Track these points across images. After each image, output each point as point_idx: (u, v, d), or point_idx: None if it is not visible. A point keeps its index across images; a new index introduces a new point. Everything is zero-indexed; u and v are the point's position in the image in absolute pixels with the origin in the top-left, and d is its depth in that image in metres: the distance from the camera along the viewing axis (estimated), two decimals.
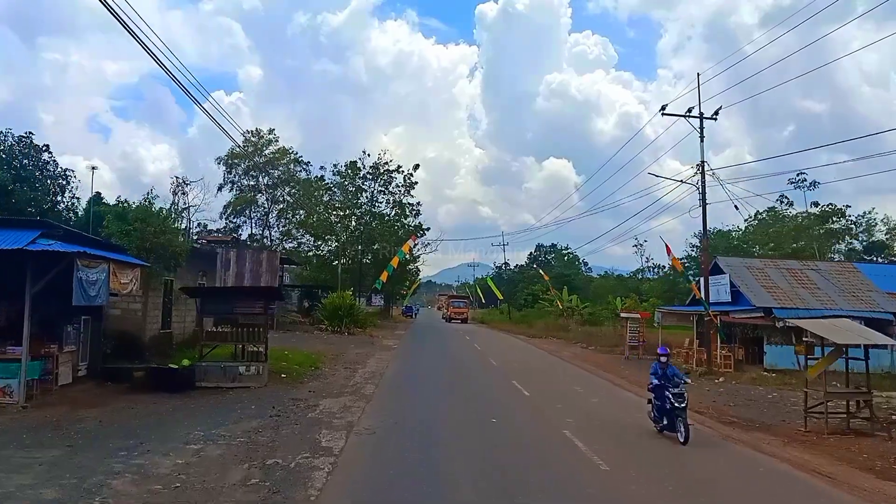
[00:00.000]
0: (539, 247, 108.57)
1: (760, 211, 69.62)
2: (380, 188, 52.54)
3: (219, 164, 65.06)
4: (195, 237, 47.99)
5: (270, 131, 66.24)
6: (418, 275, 70.21)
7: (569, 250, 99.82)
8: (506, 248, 72.69)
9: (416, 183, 52.62)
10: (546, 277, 58.70)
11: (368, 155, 52.10)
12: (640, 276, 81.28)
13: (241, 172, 65.97)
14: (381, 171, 51.81)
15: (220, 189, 65.30)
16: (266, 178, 64.65)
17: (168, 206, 56.84)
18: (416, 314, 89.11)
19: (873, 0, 19.51)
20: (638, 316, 29.16)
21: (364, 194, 52.37)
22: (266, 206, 67.31)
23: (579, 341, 39.60)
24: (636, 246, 76.73)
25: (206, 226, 63.77)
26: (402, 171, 52.11)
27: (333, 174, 52.67)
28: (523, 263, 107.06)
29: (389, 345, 32.03)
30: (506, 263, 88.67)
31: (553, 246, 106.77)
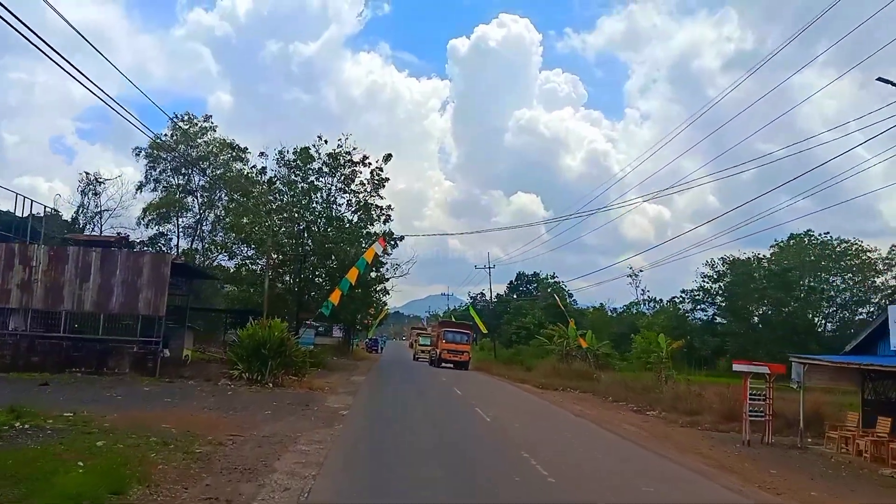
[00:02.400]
0: (520, 275, 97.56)
1: (795, 234, 60.31)
2: (339, 185, 39.89)
3: (138, 156, 51.82)
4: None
5: (206, 118, 53.56)
6: (386, 300, 57.37)
7: (555, 279, 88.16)
8: (485, 275, 60.26)
9: (387, 179, 40.05)
10: (560, 305, 46.11)
11: (325, 141, 39.46)
12: (635, 310, 71.53)
13: (168, 169, 53.10)
14: (342, 162, 39.20)
15: (139, 189, 51.76)
16: (199, 175, 51.77)
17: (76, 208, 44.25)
18: (382, 349, 79.28)
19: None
20: (767, 370, 16.85)
21: (319, 193, 39.62)
22: (198, 211, 54.29)
23: (619, 399, 27.23)
24: (631, 276, 65.98)
25: (127, 236, 50.70)
26: (369, 164, 39.60)
27: (279, 165, 39.79)
28: (502, 293, 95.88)
29: (336, 408, 19.13)
30: (482, 294, 77.43)
31: (535, 275, 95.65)
